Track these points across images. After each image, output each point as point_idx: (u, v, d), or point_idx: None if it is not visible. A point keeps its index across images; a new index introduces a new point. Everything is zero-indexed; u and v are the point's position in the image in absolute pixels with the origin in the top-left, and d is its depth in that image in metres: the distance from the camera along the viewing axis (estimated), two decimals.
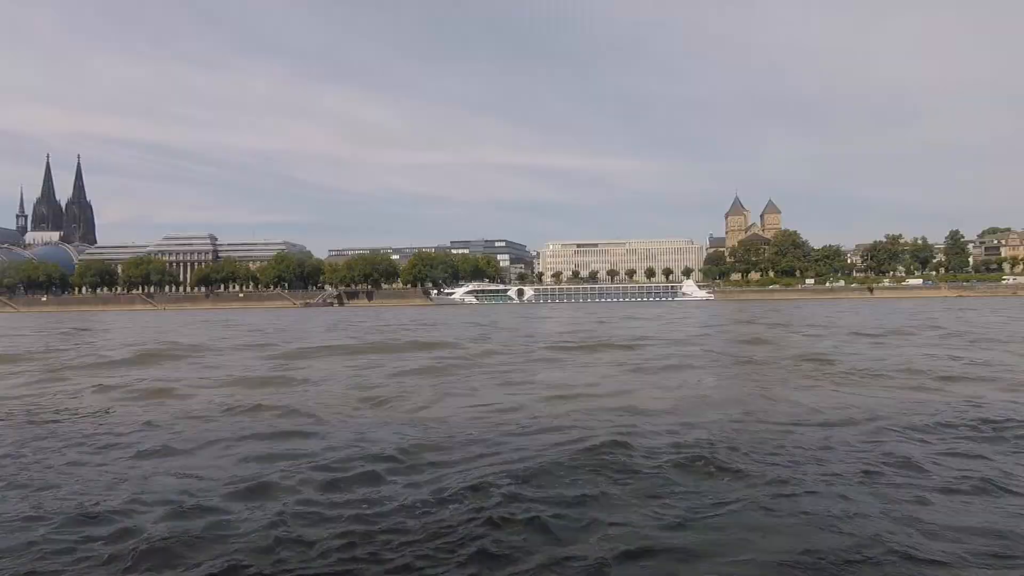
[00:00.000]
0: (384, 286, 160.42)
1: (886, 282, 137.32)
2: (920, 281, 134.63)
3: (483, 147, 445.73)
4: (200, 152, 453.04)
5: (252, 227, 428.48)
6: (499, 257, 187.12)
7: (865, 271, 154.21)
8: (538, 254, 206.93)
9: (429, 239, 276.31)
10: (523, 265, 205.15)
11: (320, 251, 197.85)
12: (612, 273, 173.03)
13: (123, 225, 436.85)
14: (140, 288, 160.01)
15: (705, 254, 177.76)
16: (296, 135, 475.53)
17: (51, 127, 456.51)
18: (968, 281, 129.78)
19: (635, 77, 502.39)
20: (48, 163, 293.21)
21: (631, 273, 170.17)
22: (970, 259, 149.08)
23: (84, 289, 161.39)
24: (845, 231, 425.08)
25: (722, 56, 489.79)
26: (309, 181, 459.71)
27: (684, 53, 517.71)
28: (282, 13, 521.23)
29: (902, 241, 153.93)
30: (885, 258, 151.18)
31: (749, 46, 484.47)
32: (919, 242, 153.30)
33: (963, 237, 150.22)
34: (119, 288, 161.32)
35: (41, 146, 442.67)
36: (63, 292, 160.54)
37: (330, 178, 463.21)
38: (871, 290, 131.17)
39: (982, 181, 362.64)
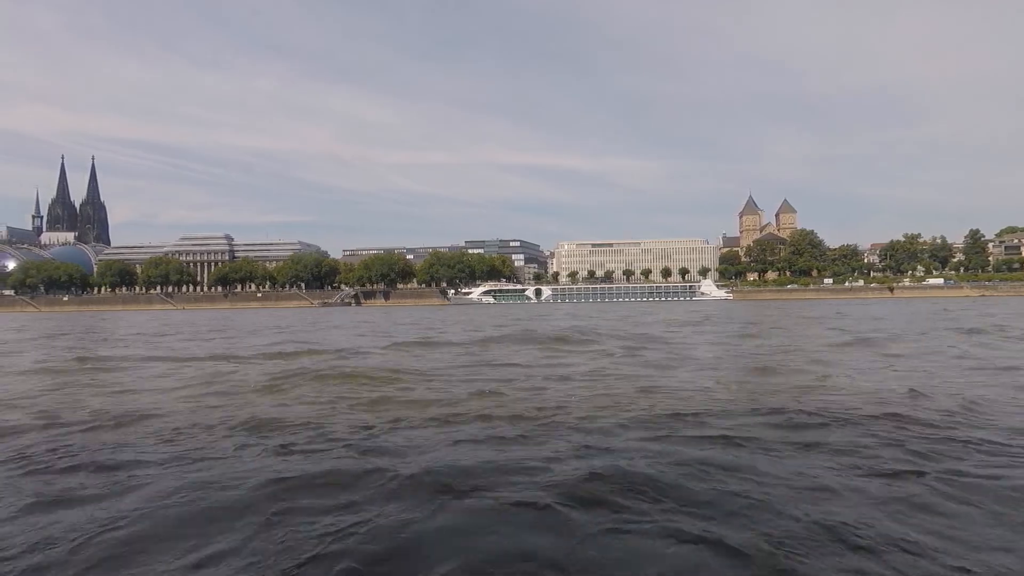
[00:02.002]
0: (399, 286, 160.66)
1: (906, 281, 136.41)
2: (941, 281, 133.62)
3: (487, 147, 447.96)
4: (204, 152, 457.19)
5: (257, 227, 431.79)
6: (514, 257, 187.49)
7: (883, 270, 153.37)
8: (552, 254, 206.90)
9: (440, 239, 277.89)
10: (536, 265, 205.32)
11: (330, 251, 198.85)
12: (628, 273, 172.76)
13: (129, 225, 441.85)
14: (158, 288, 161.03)
15: (719, 254, 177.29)
16: (301, 135, 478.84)
17: (57, 128, 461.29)
18: (990, 280, 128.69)
19: (638, 77, 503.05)
20: (63, 164, 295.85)
21: (647, 273, 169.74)
22: (990, 258, 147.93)
23: (104, 289, 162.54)
24: (849, 231, 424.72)
25: (725, 56, 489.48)
26: (314, 181, 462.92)
27: (687, 53, 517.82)
28: (288, 14, 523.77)
29: (921, 240, 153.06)
30: (904, 257, 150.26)
31: (754, 46, 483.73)
32: (938, 241, 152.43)
33: (983, 236, 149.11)
34: (138, 288, 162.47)
35: (43, 147, 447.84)
36: (82, 292, 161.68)
37: (334, 178, 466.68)
38: (891, 290, 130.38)
39: (985, 180, 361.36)
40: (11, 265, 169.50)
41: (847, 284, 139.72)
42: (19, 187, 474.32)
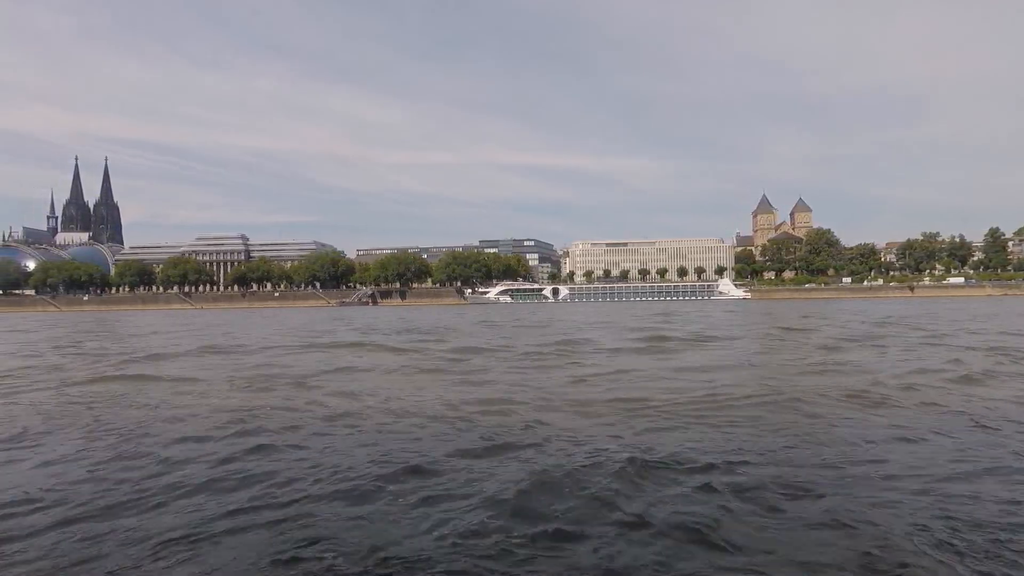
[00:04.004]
0: (413, 285, 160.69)
1: (926, 281, 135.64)
2: (961, 280, 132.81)
3: (489, 147, 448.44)
4: (206, 153, 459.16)
5: (259, 227, 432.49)
6: (528, 256, 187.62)
7: (900, 269, 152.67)
8: (565, 253, 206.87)
9: (443, 239, 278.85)
10: (550, 264, 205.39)
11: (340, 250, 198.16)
12: (643, 272, 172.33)
13: (135, 225, 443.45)
14: (176, 287, 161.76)
15: (733, 253, 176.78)
16: (302, 135, 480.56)
17: (58, 128, 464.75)
18: (1012, 280, 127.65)
19: (638, 77, 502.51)
20: (76, 166, 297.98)
21: (662, 272, 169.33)
22: (1010, 257, 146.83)
23: (122, 288, 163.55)
24: (852, 230, 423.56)
25: (725, 56, 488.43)
26: (316, 181, 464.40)
27: (687, 53, 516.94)
28: (288, 14, 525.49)
29: (939, 239, 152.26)
30: (922, 256, 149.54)
31: (754, 46, 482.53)
32: (956, 240, 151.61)
33: (1003, 235, 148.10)
34: (157, 288, 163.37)
35: (43, 147, 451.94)
36: (101, 292, 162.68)
37: (336, 178, 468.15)
38: (912, 289, 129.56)
39: (985, 180, 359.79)
40: (31, 265, 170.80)
41: (867, 283, 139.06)
42: (19, 187, 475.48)
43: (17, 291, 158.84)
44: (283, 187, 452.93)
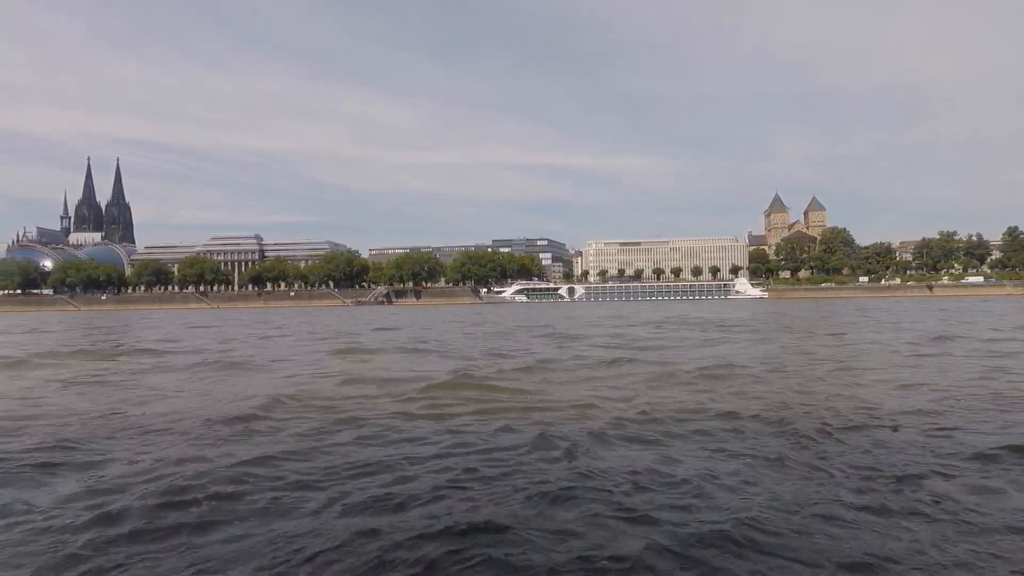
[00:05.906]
0: (427, 285, 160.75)
1: (945, 280, 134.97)
2: (980, 279, 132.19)
3: (496, 147, 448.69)
4: (209, 152, 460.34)
5: (262, 227, 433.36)
6: (541, 256, 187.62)
7: (916, 268, 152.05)
8: (578, 252, 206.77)
9: (449, 238, 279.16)
10: (562, 264, 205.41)
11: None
12: (658, 272, 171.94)
13: (139, 225, 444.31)
14: (192, 287, 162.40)
15: (747, 252, 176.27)
16: (305, 136, 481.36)
17: (63, 129, 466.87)
18: None
19: (641, 76, 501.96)
20: (88, 166, 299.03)
21: (677, 271, 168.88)
22: None
23: (138, 288, 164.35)
24: (856, 230, 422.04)
25: (728, 55, 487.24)
26: (321, 181, 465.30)
27: (690, 52, 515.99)
28: (289, 15, 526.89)
29: (956, 238, 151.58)
30: (940, 255, 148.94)
31: (758, 45, 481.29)
32: (974, 239, 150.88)
33: (1022, 233, 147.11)
34: (173, 287, 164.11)
35: (44, 146, 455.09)
36: (118, 291, 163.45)
37: (342, 178, 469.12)
38: (930, 288, 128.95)
39: (986, 180, 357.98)
40: (48, 264, 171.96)
41: (884, 283, 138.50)
42: (21, 187, 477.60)
43: (35, 290, 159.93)
44: (285, 187, 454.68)
